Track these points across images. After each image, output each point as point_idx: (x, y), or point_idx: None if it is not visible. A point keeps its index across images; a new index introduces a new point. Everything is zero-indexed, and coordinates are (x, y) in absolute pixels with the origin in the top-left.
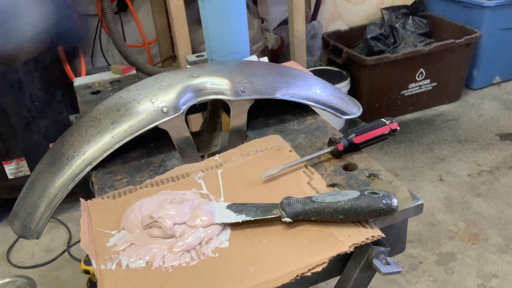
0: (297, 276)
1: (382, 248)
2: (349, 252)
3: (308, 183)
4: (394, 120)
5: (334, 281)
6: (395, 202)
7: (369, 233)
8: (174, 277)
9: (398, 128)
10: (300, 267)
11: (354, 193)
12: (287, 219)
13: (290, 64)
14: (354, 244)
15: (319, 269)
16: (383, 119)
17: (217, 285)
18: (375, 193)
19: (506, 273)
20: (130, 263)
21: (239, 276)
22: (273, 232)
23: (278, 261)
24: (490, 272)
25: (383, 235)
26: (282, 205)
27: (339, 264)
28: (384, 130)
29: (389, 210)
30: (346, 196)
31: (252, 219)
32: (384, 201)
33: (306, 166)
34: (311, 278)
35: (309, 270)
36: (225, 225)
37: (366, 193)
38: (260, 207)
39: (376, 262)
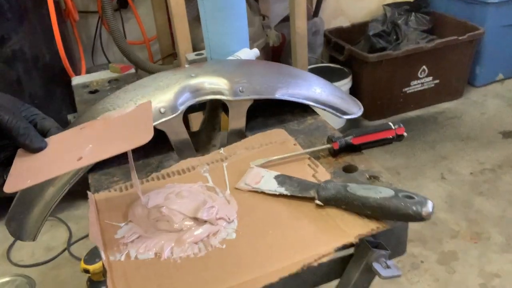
0: (303, 266)
1: (382, 251)
2: (354, 243)
3: (313, 175)
4: (401, 125)
5: (334, 283)
6: (427, 210)
7: (374, 224)
8: (183, 267)
9: (405, 134)
10: (306, 257)
11: (388, 192)
12: (318, 202)
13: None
14: (359, 235)
15: (325, 259)
16: (390, 123)
17: (225, 275)
18: (410, 197)
19: (508, 272)
20: (138, 254)
21: (247, 265)
22: (279, 224)
23: (285, 252)
24: (492, 272)
25: (388, 226)
26: (319, 187)
27: (339, 266)
28: (388, 134)
29: (418, 218)
30: (379, 194)
31: (289, 194)
32: (414, 207)
33: (310, 159)
34: (311, 280)
35: (316, 260)
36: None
37: (400, 195)
38: (301, 183)
39: (376, 265)
